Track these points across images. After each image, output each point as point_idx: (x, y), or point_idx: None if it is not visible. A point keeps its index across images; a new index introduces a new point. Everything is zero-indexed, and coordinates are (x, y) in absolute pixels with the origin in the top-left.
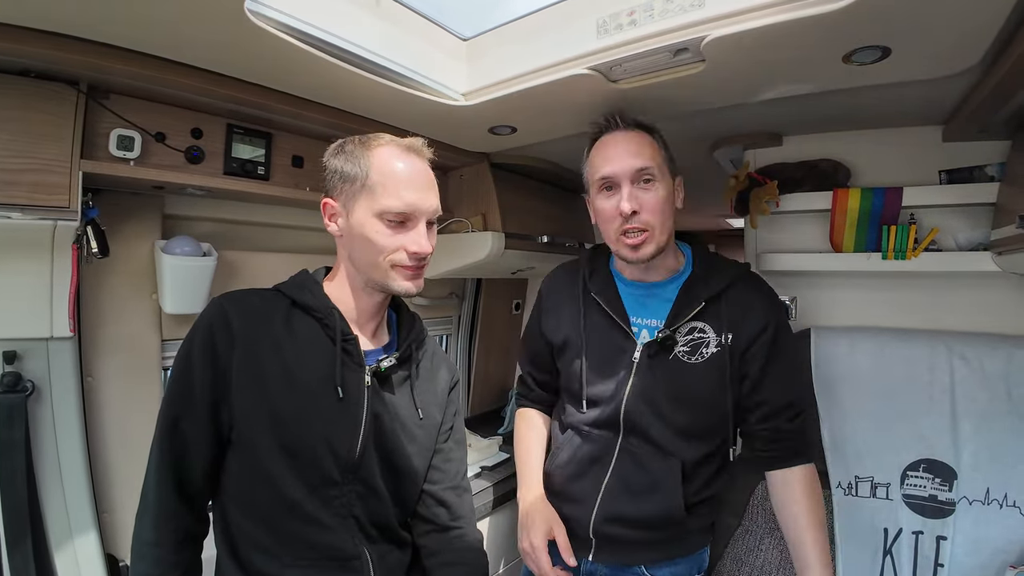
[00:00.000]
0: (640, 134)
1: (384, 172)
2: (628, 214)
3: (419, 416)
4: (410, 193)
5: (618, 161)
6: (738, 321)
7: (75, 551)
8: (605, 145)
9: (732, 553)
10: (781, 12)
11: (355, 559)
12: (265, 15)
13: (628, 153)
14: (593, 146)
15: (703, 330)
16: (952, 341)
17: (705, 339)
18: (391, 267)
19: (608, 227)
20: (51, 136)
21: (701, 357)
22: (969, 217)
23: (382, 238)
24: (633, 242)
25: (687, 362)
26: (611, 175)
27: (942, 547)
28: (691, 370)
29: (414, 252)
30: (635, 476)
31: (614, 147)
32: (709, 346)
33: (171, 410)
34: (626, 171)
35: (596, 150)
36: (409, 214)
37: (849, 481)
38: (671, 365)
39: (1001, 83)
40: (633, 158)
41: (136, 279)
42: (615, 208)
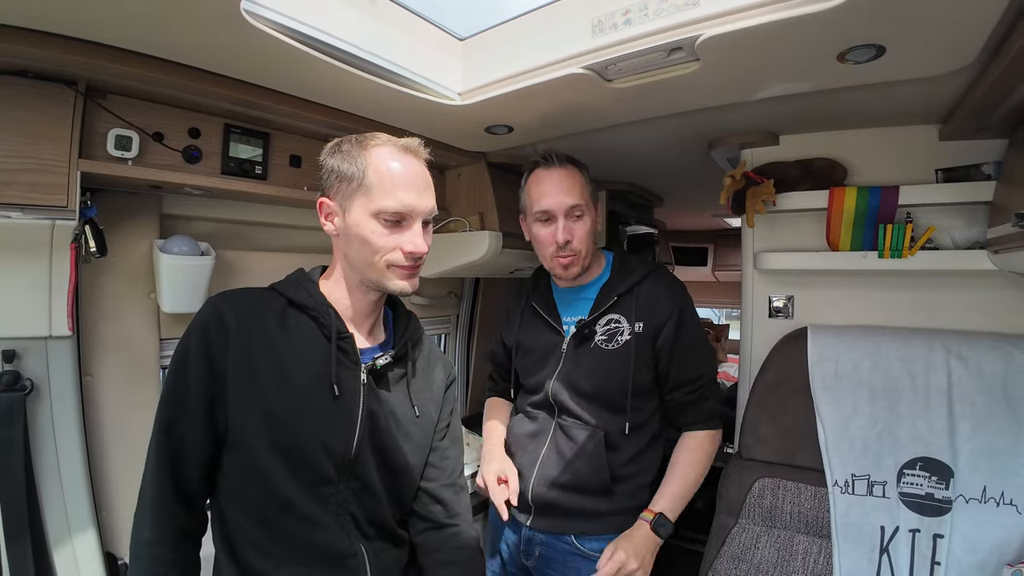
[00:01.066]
0: (572, 172)
1: (381, 172)
2: (562, 244)
3: (415, 414)
4: (406, 193)
5: (554, 197)
6: (647, 311)
7: (74, 550)
8: (542, 180)
9: (728, 551)
10: (775, 11)
11: (351, 557)
12: (261, 15)
13: (562, 191)
14: (530, 176)
15: (618, 320)
16: (950, 341)
17: (620, 328)
18: (387, 267)
19: (544, 250)
20: (49, 136)
21: (617, 344)
22: (966, 216)
23: (378, 238)
24: (564, 263)
25: (605, 348)
26: (548, 209)
27: (939, 545)
28: (609, 355)
29: (410, 252)
30: (566, 446)
31: (550, 183)
32: (623, 335)
33: (167, 410)
34: (561, 207)
35: (534, 183)
36: (405, 214)
37: (846, 479)
38: (592, 352)
39: (997, 81)
40: (566, 195)
41: (134, 278)
42: (551, 236)
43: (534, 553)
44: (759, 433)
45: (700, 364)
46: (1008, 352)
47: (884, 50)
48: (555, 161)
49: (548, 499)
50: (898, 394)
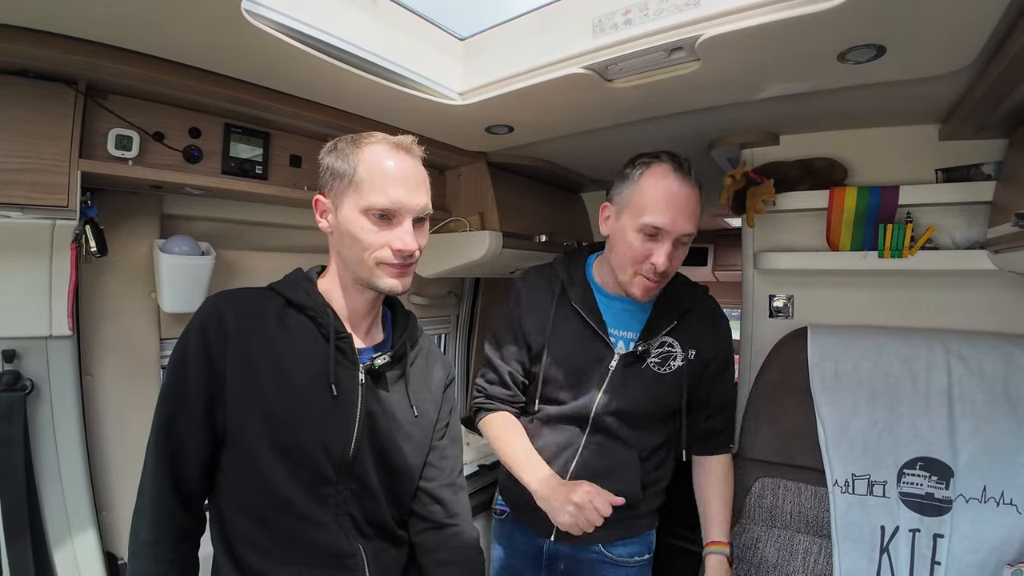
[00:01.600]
0: (697, 194)
1: (371, 168)
2: (662, 271)
3: (414, 414)
4: (396, 189)
5: (676, 218)
6: (700, 340)
7: (74, 549)
8: (667, 188)
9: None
10: (775, 11)
11: (350, 557)
12: (262, 15)
13: (686, 215)
14: (650, 170)
15: (672, 345)
16: (950, 341)
17: (673, 353)
18: (376, 264)
19: (631, 264)
20: (50, 136)
21: (669, 368)
22: (966, 215)
23: (367, 235)
24: (650, 286)
25: (657, 372)
26: (663, 228)
27: (939, 545)
28: (660, 379)
29: (398, 249)
30: (599, 462)
31: (676, 201)
32: (676, 360)
33: (166, 410)
34: (676, 231)
35: (654, 188)
36: (394, 210)
37: (846, 479)
38: (644, 374)
39: (997, 81)
40: (687, 221)
41: (135, 278)
42: (648, 253)
43: (558, 568)
44: (759, 433)
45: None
46: (1009, 352)
47: (884, 50)
48: (689, 173)
49: None
50: (898, 394)
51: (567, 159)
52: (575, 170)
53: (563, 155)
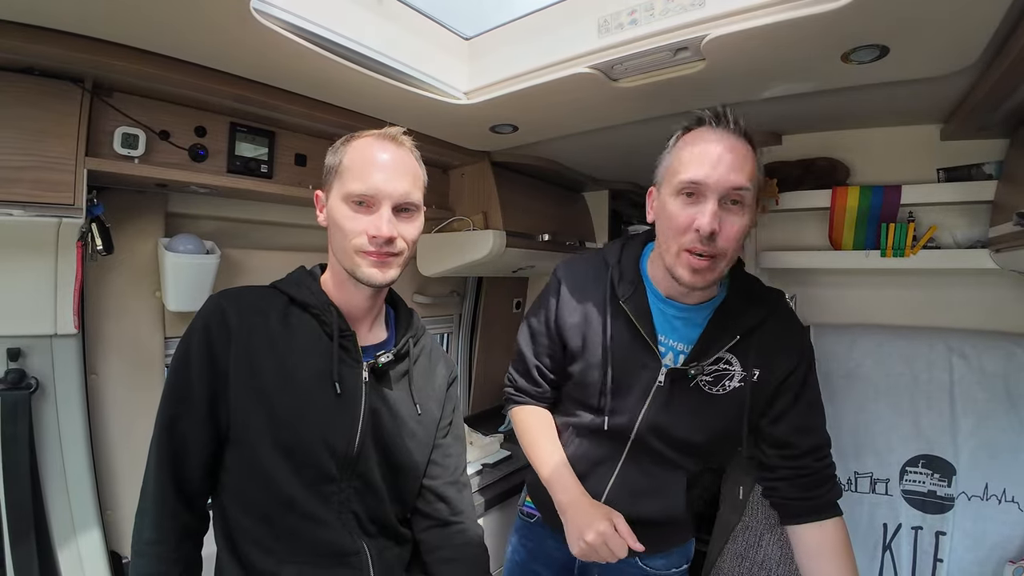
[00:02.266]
0: (746, 145)
1: (354, 158)
2: (707, 233)
3: (417, 412)
4: (374, 175)
5: (715, 168)
6: (768, 359)
7: (78, 548)
8: (703, 142)
9: (732, 549)
10: (780, 11)
11: (354, 555)
12: (270, 14)
13: (728, 164)
14: (686, 136)
15: (729, 362)
16: (952, 339)
17: (730, 372)
18: (355, 252)
19: (673, 237)
20: (56, 134)
21: (723, 389)
22: (967, 215)
23: (346, 221)
24: (698, 265)
25: (708, 392)
26: (701, 182)
27: (941, 542)
28: (710, 401)
29: (373, 236)
30: (640, 481)
31: (714, 149)
32: (733, 379)
33: (169, 408)
34: (720, 184)
35: (689, 144)
36: (370, 196)
37: (848, 477)
38: (692, 393)
39: (999, 81)
40: (732, 171)
41: (140, 276)
42: (690, 219)
43: None
44: None
45: (823, 424)
46: (1010, 350)
47: (888, 50)
48: (728, 122)
49: None
50: (900, 392)
51: (571, 158)
52: (578, 170)
53: (567, 154)
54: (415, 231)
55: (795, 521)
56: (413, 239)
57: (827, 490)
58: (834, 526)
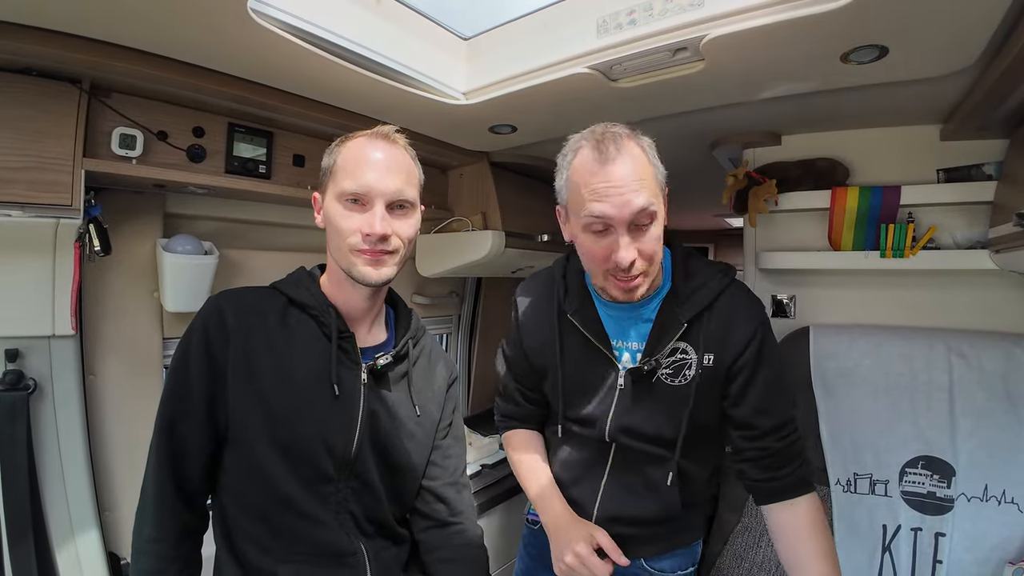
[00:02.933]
0: (639, 152)
1: (347, 157)
2: (626, 266)
3: (416, 413)
4: (367, 174)
5: (615, 200)
6: (719, 340)
7: (76, 548)
8: (594, 173)
9: (732, 550)
10: (779, 11)
11: (351, 555)
12: (268, 14)
13: (629, 189)
14: (576, 159)
15: (685, 351)
16: (951, 339)
17: (687, 360)
18: (350, 251)
19: (595, 267)
20: (53, 134)
21: (684, 379)
22: (967, 215)
23: (341, 220)
24: (626, 285)
25: (670, 384)
26: (604, 216)
27: (941, 543)
28: (674, 392)
29: (367, 234)
30: (632, 478)
31: (610, 179)
32: (691, 368)
33: (168, 408)
34: (626, 214)
35: (582, 175)
36: (363, 194)
37: (848, 478)
38: (655, 388)
39: (998, 82)
40: (634, 195)
41: (138, 277)
42: (607, 251)
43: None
44: None
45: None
46: (1009, 350)
47: (887, 51)
48: (613, 144)
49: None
50: (899, 392)
51: None
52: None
53: None
54: (410, 229)
55: (766, 502)
56: (409, 237)
57: (793, 469)
58: (806, 504)
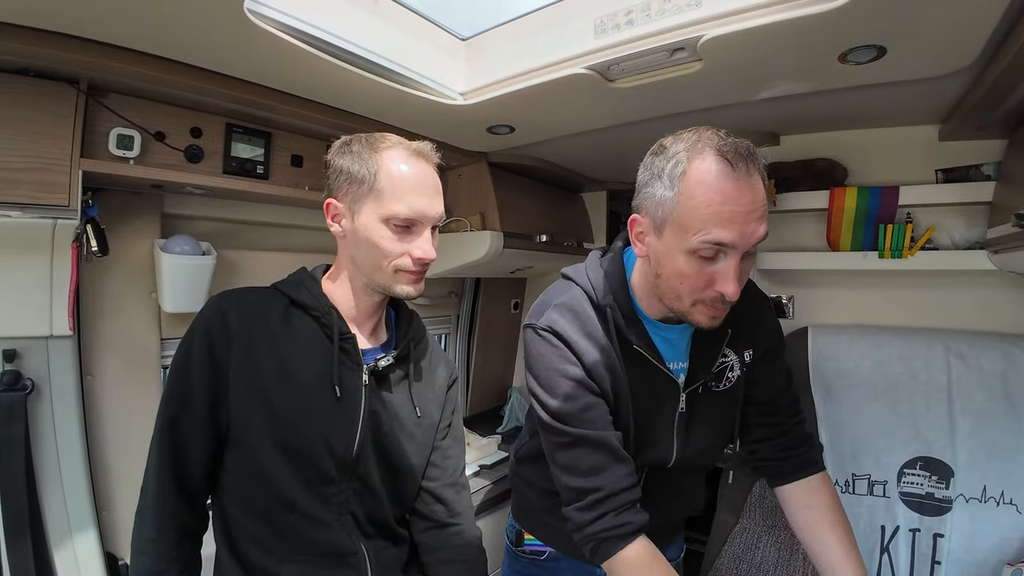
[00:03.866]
0: (760, 181)
1: (393, 176)
2: (731, 296)
3: (417, 414)
4: (417, 199)
5: (745, 226)
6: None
7: (74, 549)
8: (725, 192)
9: (730, 551)
10: (777, 12)
11: (352, 555)
12: (264, 15)
13: (755, 217)
14: (690, 170)
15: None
16: (949, 340)
17: (729, 362)
18: (395, 272)
19: (687, 294)
20: (51, 135)
21: (729, 383)
22: (966, 216)
23: (388, 243)
24: (718, 314)
25: (718, 391)
26: (730, 244)
27: (939, 544)
28: (721, 397)
29: (419, 258)
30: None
31: (740, 202)
32: (734, 370)
33: (170, 408)
34: (749, 242)
35: (705, 192)
36: (416, 220)
37: (846, 479)
38: (707, 400)
39: (997, 82)
40: (759, 223)
41: (136, 278)
42: (710, 278)
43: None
44: None
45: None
46: (1008, 351)
47: (885, 51)
48: (745, 162)
49: None
50: (898, 393)
51: (568, 159)
52: (576, 170)
53: (564, 155)
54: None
55: (782, 482)
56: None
57: (806, 449)
58: (820, 481)
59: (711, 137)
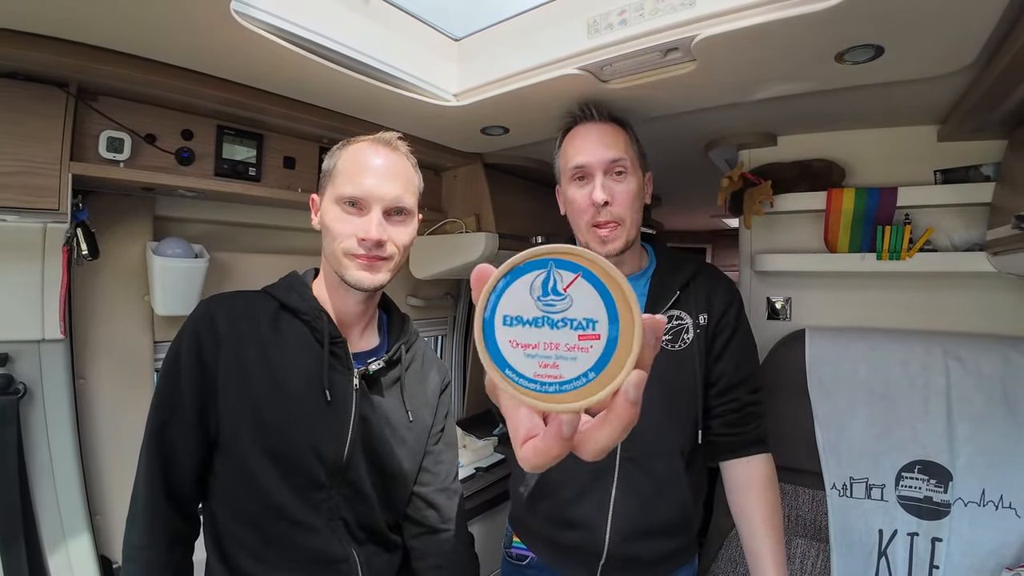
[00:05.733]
0: (614, 127)
1: (347, 160)
2: (600, 204)
3: (409, 419)
4: (367, 179)
5: (592, 151)
6: (707, 303)
7: (68, 553)
8: (578, 135)
9: (726, 554)
10: (772, 11)
11: (343, 562)
12: (252, 16)
13: (602, 144)
14: (567, 136)
15: (680, 317)
16: (948, 342)
17: (684, 324)
18: (344, 254)
19: (579, 218)
20: (40, 138)
21: (683, 343)
22: (964, 217)
23: (337, 224)
24: (604, 234)
25: (671, 350)
26: (584, 164)
27: (937, 549)
28: (675, 358)
29: (362, 239)
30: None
31: (587, 137)
32: (689, 331)
33: (159, 414)
34: (600, 161)
35: (570, 140)
36: (361, 199)
37: (844, 482)
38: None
39: (996, 82)
40: (607, 149)
41: (128, 281)
42: (587, 198)
43: None
44: None
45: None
46: (1007, 354)
47: (882, 51)
48: (594, 115)
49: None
50: (896, 396)
51: None
52: None
53: None
54: (407, 236)
55: (723, 458)
56: (405, 244)
57: (754, 427)
58: (760, 462)
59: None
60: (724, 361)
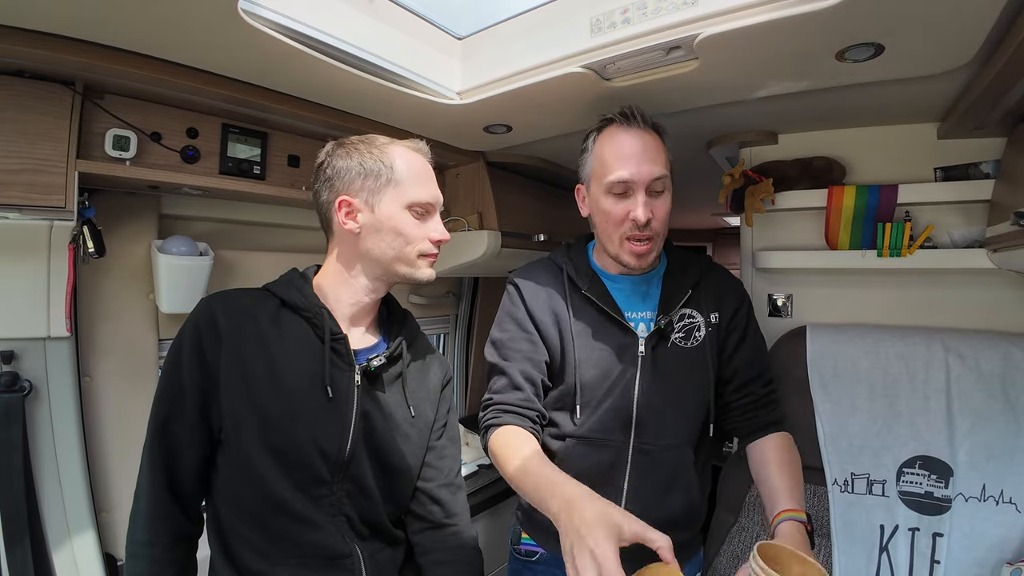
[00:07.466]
0: (655, 137)
1: (409, 166)
2: (643, 223)
3: (411, 414)
4: (431, 186)
5: (637, 166)
6: (720, 300)
7: (73, 550)
8: (620, 142)
9: (728, 550)
10: (773, 10)
11: (346, 557)
12: (259, 15)
13: (647, 159)
14: (601, 135)
15: (692, 315)
16: (948, 338)
17: (696, 323)
18: (418, 256)
19: (613, 230)
20: (47, 136)
21: (695, 341)
22: (964, 214)
23: (412, 228)
24: (640, 250)
25: (684, 347)
26: (628, 180)
27: (938, 544)
28: (688, 354)
29: (438, 240)
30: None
31: (631, 147)
32: (700, 329)
33: (161, 411)
34: (644, 178)
35: (610, 145)
36: (433, 204)
37: (845, 478)
38: (671, 353)
39: (996, 80)
40: (652, 164)
41: (133, 279)
42: (625, 212)
43: None
44: None
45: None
46: (1006, 350)
47: (883, 48)
48: (638, 120)
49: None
50: (897, 392)
51: (566, 158)
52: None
53: (561, 154)
54: None
55: (746, 441)
56: None
57: (770, 411)
58: (779, 438)
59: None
60: (737, 359)
